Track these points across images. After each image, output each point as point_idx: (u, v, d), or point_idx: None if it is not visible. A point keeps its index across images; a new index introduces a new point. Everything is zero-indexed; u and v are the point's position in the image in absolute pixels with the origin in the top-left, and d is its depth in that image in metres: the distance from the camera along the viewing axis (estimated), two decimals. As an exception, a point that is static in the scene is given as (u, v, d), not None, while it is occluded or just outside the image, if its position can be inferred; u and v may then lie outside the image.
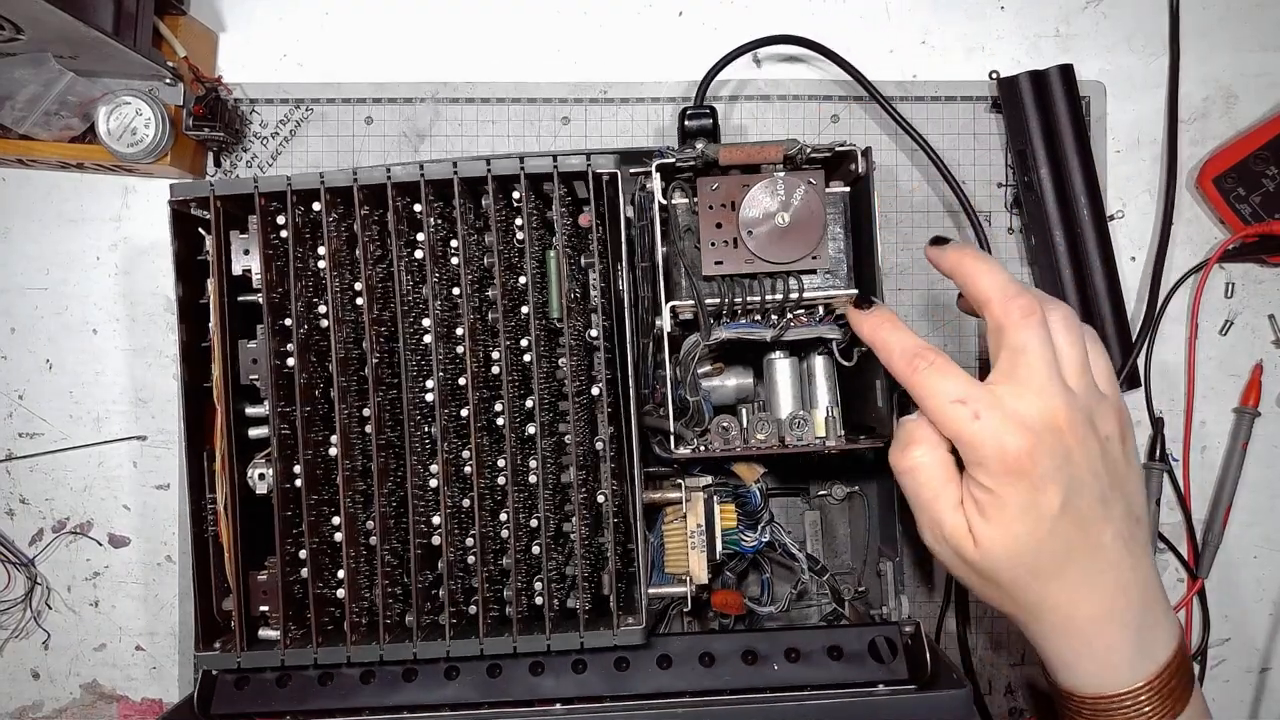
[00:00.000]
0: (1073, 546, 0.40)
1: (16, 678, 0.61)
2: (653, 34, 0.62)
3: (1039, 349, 0.40)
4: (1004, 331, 0.41)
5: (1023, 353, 0.40)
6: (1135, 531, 0.42)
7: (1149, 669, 0.42)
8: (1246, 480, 0.61)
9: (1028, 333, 0.41)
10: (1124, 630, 0.42)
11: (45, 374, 0.61)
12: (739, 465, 0.52)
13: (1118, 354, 0.59)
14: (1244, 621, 0.62)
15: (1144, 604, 0.42)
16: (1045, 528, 0.40)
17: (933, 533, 0.42)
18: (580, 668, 0.46)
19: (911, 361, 0.42)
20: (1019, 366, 0.40)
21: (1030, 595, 0.41)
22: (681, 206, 0.49)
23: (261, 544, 0.47)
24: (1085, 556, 0.41)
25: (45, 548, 0.61)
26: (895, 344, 0.43)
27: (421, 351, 0.47)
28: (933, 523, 0.42)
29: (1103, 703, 0.42)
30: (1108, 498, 0.41)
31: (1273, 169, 0.59)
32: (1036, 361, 0.40)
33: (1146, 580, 0.42)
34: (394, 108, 0.61)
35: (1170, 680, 0.42)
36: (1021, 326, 0.41)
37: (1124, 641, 0.42)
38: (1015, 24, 0.62)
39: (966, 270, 0.43)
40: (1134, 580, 0.42)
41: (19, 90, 0.54)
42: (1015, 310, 0.41)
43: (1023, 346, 0.40)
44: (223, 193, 0.47)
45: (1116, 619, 0.41)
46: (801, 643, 0.47)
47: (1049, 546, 0.40)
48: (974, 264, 0.43)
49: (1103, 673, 0.42)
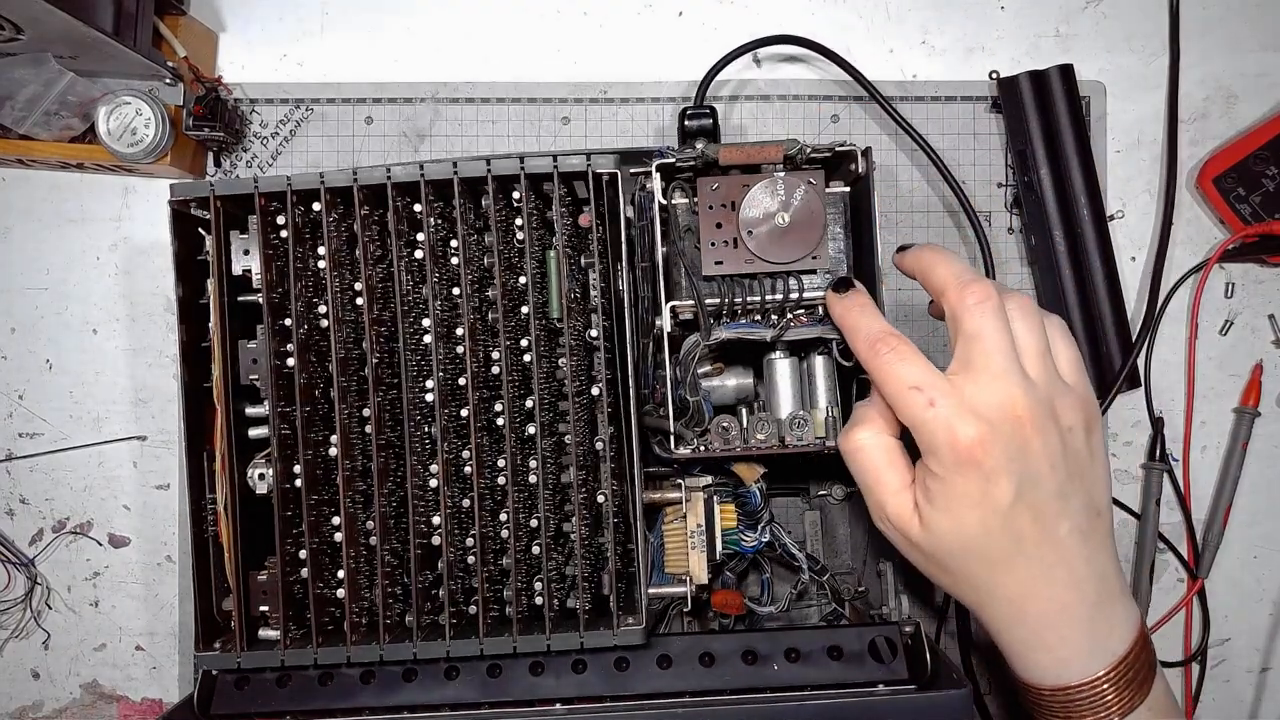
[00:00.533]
0: (1024, 538, 0.40)
1: (16, 678, 0.61)
2: (653, 34, 0.62)
3: (994, 336, 0.40)
4: (959, 319, 0.41)
5: (977, 339, 0.40)
6: (1094, 524, 0.42)
7: (1106, 660, 0.41)
8: (1246, 480, 0.61)
9: (982, 319, 0.40)
10: (1076, 624, 0.41)
11: (45, 374, 0.61)
12: (739, 465, 0.52)
13: (1118, 354, 0.59)
14: (1244, 621, 0.62)
15: (1099, 598, 0.42)
16: (996, 519, 0.39)
17: (877, 513, 0.43)
18: (580, 668, 0.46)
19: (874, 345, 0.42)
20: (974, 354, 0.40)
21: (981, 584, 0.41)
22: (681, 206, 0.49)
23: (261, 544, 0.47)
24: (1038, 549, 0.40)
25: (45, 548, 0.61)
26: (862, 327, 0.43)
27: (421, 351, 0.47)
28: (877, 504, 0.42)
29: (1061, 694, 0.42)
30: (1065, 490, 0.41)
31: (1273, 169, 0.59)
32: (992, 349, 0.40)
33: (1103, 573, 0.42)
34: (394, 108, 0.61)
35: (1129, 670, 0.42)
36: (976, 312, 0.40)
37: (1077, 635, 0.41)
38: (1015, 24, 0.62)
39: (924, 265, 0.43)
40: (1089, 574, 0.41)
41: (19, 90, 0.54)
42: (969, 296, 0.41)
43: (977, 333, 0.40)
44: (223, 193, 0.47)
45: (1069, 613, 0.41)
46: (801, 643, 0.47)
47: (999, 538, 0.40)
48: (930, 257, 0.43)
49: (1057, 665, 0.42)
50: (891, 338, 0.42)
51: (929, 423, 0.39)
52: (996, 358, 0.40)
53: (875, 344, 0.42)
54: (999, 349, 0.40)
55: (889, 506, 0.42)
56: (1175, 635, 0.61)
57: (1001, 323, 0.41)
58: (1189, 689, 0.61)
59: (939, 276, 0.42)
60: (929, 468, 0.40)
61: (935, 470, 0.40)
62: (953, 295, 0.41)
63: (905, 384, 0.40)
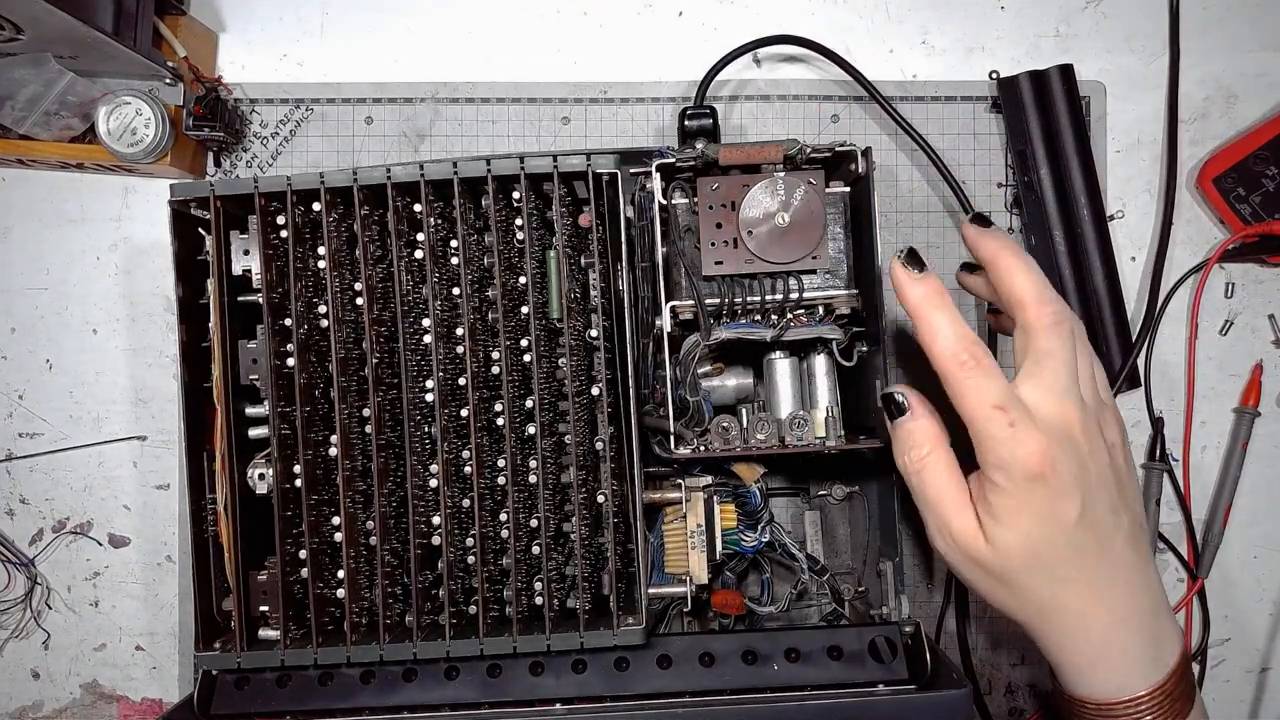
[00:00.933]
0: (1086, 552, 0.40)
1: (16, 678, 0.61)
2: (653, 34, 0.62)
3: (1066, 357, 0.41)
4: (1035, 334, 0.41)
5: (1050, 358, 0.41)
6: (1140, 536, 0.43)
7: (1160, 674, 0.42)
8: (1246, 480, 0.61)
9: (1058, 340, 0.41)
10: (1138, 634, 0.42)
11: (45, 374, 0.61)
12: (739, 465, 0.52)
13: (1118, 353, 0.59)
14: (1244, 621, 0.62)
15: (1153, 608, 0.42)
16: (1062, 534, 0.40)
17: (941, 533, 0.42)
18: (580, 668, 0.46)
19: (957, 355, 0.40)
20: (1045, 371, 0.41)
21: (1044, 599, 0.41)
22: (681, 206, 0.49)
23: (261, 544, 0.47)
24: (1098, 562, 0.41)
25: (45, 548, 0.61)
26: (942, 329, 0.41)
27: (421, 351, 0.47)
28: (941, 523, 0.42)
29: (1117, 708, 0.42)
30: (1116, 505, 0.41)
31: (1273, 169, 0.59)
32: (1062, 369, 0.40)
33: (1153, 584, 0.43)
34: (394, 108, 0.61)
35: (1178, 684, 0.42)
36: (1053, 333, 0.41)
37: (1138, 645, 0.42)
38: (1015, 24, 0.62)
39: (1004, 265, 0.43)
40: (1143, 585, 0.42)
41: (19, 90, 0.54)
42: (1048, 316, 0.41)
43: (1051, 352, 0.41)
44: (223, 193, 0.47)
45: (1131, 623, 0.42)
46: (801, 643, 0.47)
47: (1064, 552, 0.40)
48: (1012, 260, 0.42)
49: (1118, 678, 0.42)
50: (974, 347, 0.40)
51: (1006, 441, 0.39)
52: (1065, 377, 0.40)
53: (958, 353, 0.40)
54: (1068, 369, 0.41)
55: (954, 524, 0.41)
56: (1175, 635, 0.61)
57: (1073, 345, 0.41)
58: (1189, 689, 0.61)
59: (1020, 286, 0.42)
60: (995, 483, 0.40)
61: (1003, 485, 0.40)
62: (1033, 311, 0.41)
63: (989, 403, 0.39)
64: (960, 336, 0.41)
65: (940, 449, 0.42)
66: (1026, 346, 0.42)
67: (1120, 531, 0.41)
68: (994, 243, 0.43)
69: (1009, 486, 0.39)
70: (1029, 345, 0.41)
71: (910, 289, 0.42)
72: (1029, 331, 0.41)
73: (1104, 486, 0.41)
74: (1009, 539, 0.40)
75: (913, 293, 0.42)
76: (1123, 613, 0.41)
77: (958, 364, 0.40)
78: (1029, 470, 0.39)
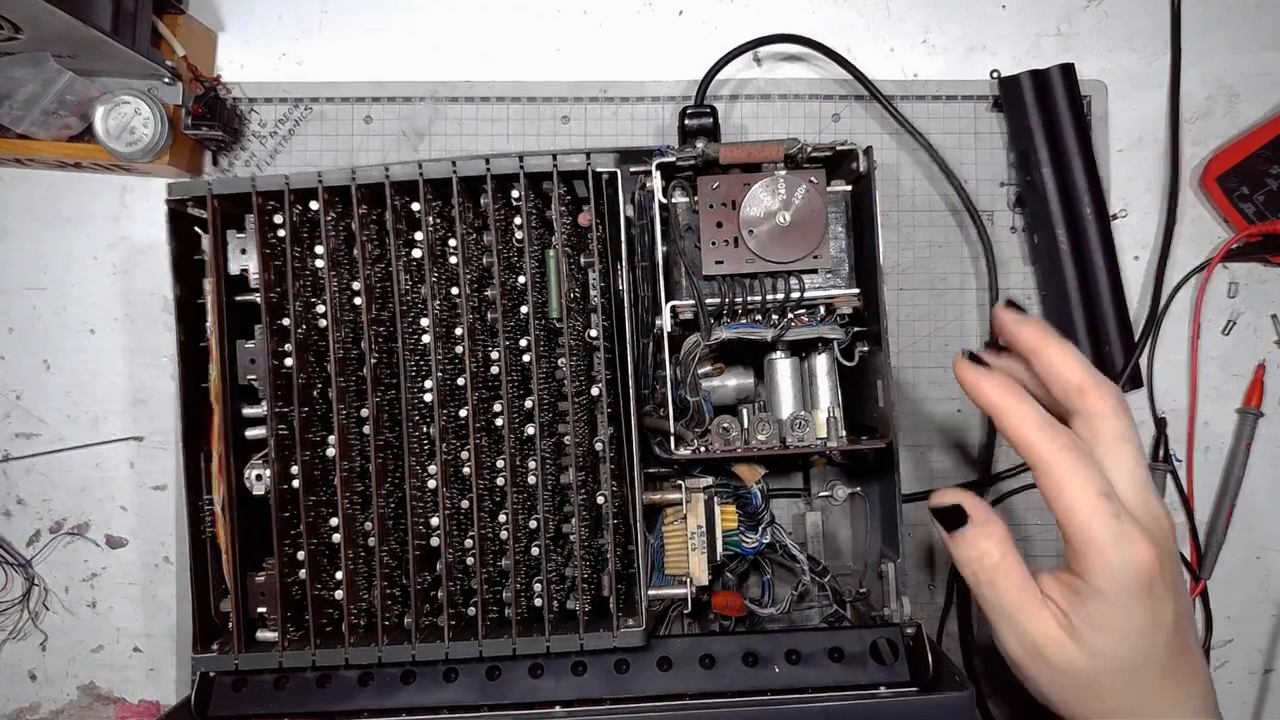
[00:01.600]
0: (1176, 651, 0.39)
1: (14, 679, 0.60)
2: (653, 33, 0.62)
3: (1138, 440, 0.39)
4: (1103, 419, 0.39)
5: (1127, 443, 0.38)
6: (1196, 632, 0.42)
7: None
8: (1249, 481, 0.60)
9: (1128, 423, 0.39)
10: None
11: (43, 374, 0.61)
12: (740, 466, 0.51)
13: (1120, 354, 0.59)
14: (1247, 622, 0.61)
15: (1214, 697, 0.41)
16: (1163, 638, 0.38)
17: (1023, 644, 0.39)
18: (580, 670, 0.46)
19: (1056, 439, 0.37)
20: (1125, 458, 0.38)
21: (1133, 703, 0.39)
22: (682, 206, 0.49)
23: (259, 545, 0.47)
24: (1183, 665, 0.39)
25: (43, 548, 0.60)
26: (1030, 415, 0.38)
27: (420, 351, 0.47)
28: (1022, 634, 0.39)
29: None
30: (1189, 605, 0.40)
31: (1276, 168, 0.59)
32: (1140, 455, 0.38)
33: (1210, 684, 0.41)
34: (393, 107, 0.61)
35: None
36: (1123, 416, 0.39)
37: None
38: (1016, 23, 0.62)
39: (1053, 354, 0.40)
40: (1208, 680, 0.41)
41: (17, 89, 0.53)
42: (1111, 398, 0.39)
43: (1127, 437, 0.39)
44: (220, 192, 0.46)
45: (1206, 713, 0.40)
46: (803, 644, 0.46)
47: (1162, 655, 0.38)
48: (1060, 348, 0.40)
49: None
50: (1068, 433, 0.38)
51: (1115, 542, 0.36)
52: (1144, 464, 0.38)
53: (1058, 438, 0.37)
54: (1143, 455, 0.39)
55: (1039, 634, 0.38)
56: (1178, 637, 0.61)
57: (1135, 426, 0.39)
58: (1192, 691, 0.61)
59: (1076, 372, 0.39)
60: (1098, 589, 0.37)
61: (1107, 591, 0.36)
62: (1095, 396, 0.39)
63: (1096, 489, 0.36)
64: (1053, 421, 0.38)
65: (1012, 553, 0.39)
66: (1094, 433, 0.39)
67: (1192, 629, 0.40)
68: (1036, 331, 0.41)
69: (1113, 592, 0.36)
70: (1097, 431, 0.39)
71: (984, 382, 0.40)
72: (1095, 417, 0.39)
73: (1183, 582, 0.39)
74: (1108, 647, 0.37)
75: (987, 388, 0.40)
76: (1197, 703, 0.40)
77: (1058, 447, 0.37)
78: (1141, 578, 0.36)
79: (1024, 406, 0.38)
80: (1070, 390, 0.40)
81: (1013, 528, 0.60)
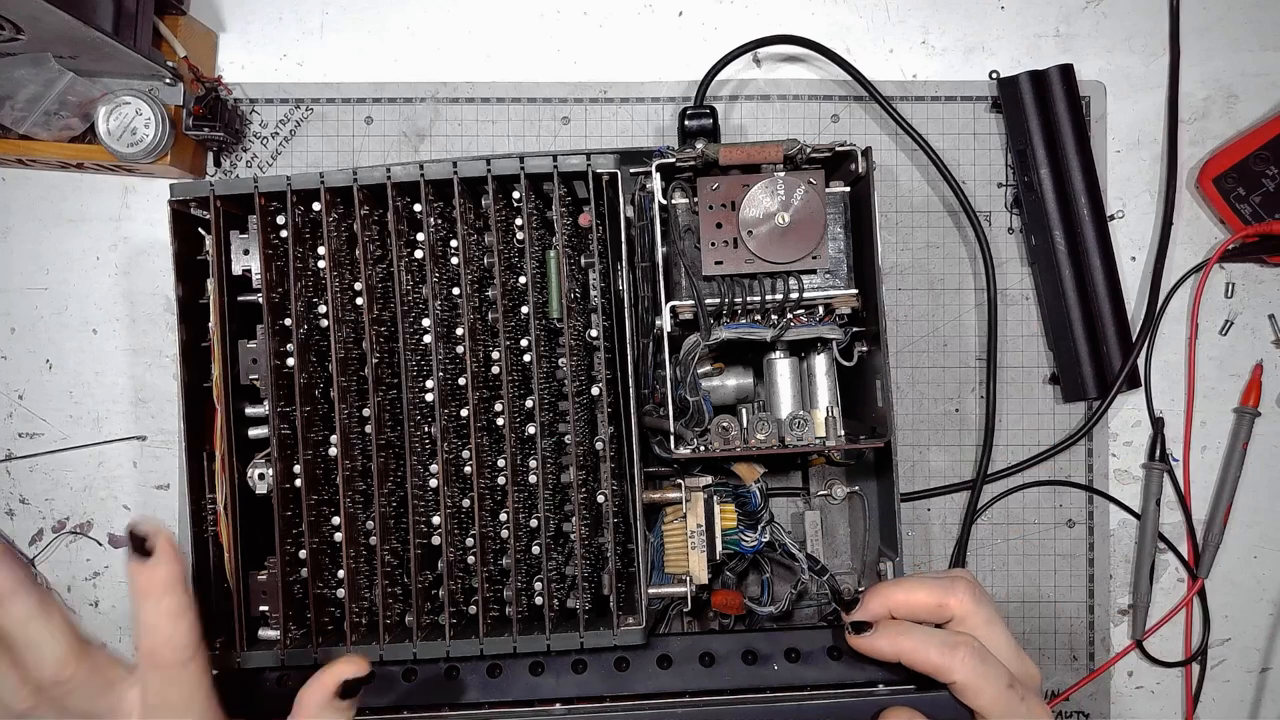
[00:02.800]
0: None
1: (16, 678, 0.60)
2: (653, 34, 0.62)
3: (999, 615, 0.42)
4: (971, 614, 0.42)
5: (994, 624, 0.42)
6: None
7: None
8: (1247, 480, 0.61)
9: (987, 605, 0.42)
10: None
11: (45, 374, 0.61)
12: (739, 465, 0.52)
13: (1118, 354, 0.59)
14: (1244, 621, 0.62)
15: None
16: None
17: None
18: (580, 668, 0.46)
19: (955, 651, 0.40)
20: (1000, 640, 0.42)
21: None
22: (681, 206, 0.49)
23: (261, 544, 0.47)
24: None
25: (45, 548, 0.61)
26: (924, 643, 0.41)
27: (421, 351, 0.47)
28: None
29: None
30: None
31: (1273, 169, 0.59)
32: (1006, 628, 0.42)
33: None
34: (394, 107, 0.61)
35: None
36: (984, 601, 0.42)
37: None
38: (1015, 24, 0.62)
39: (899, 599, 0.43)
40: None
41: (19, 90, 0.54)
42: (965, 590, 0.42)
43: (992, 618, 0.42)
44: (222, 193, 0.47)
45: None
46: (801, 643, 0.47)
47: None
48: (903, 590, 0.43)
49: None
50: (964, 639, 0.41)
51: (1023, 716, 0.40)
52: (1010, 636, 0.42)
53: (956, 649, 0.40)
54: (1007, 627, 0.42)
55: None
56: (1175, 635, 0.61)
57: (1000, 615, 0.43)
58: (1189, 689, 0.61)
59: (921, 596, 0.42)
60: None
61: None
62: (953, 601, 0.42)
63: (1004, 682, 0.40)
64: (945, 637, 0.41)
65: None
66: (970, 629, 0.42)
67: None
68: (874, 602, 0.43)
69: None
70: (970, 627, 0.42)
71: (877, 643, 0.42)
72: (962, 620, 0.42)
73: None
74: None
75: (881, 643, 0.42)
76: None
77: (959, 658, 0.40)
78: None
79: (915, 637, 0.41)
80: (932, 610, 0.42)
81: (1010, 527, 0.61)
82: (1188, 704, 0.61)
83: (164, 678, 0.39)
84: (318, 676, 0.40)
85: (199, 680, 0.40)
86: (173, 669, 0.39)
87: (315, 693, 0.40)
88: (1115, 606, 0.61)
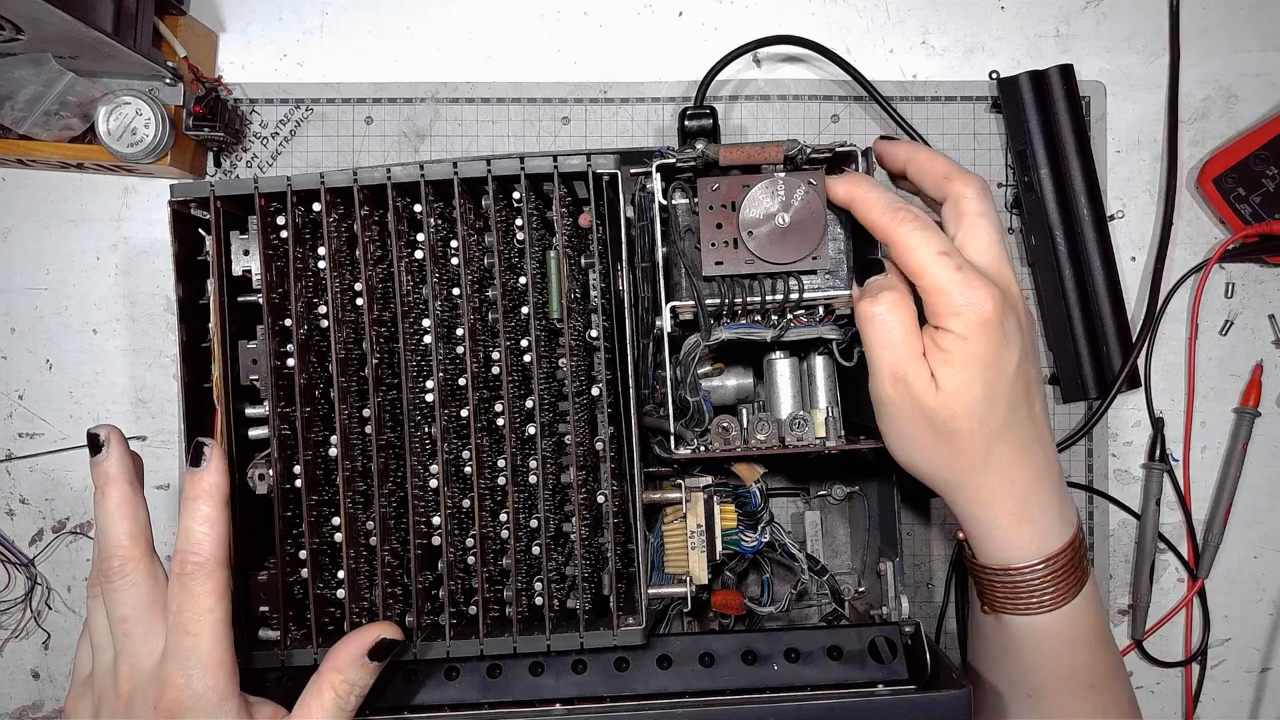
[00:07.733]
0: (1019, 406, 0.43)
1: (16, 678, 0.61)
2: (653, 34, 0.62)
3: (996, 217, 0.45)
4: (966, 199, 0.44)
5: (984, 218, 0.44)
6: (1044, 405, 0.46)
7: (1068, 535, 0.44)
8: (1247, 480, 0.61)
9: (988, 203, 0.44)
10: (1054, 493, 0.44)
11: (45, 374, 0.61)
12: (739, 465, 0.52)
13: (1118, 354, 0.59)
14: (1244, 621, 0.62)
15: (1059, 471, 0.45)
16: (1004, 382, 0.42)
17: (893, 377, 0.43)
18: (580, 668, 0.46)
19: (896, 214, 0.43)
20: (981, 229, 0.44)
21: (978, 451, 0.43)
22: (682, 206, 0.49)
23: (261, 544, 0.47)
24: (1026, 419, 0.43)
25: (45, 548, 0.61)
26: (876, 198, 0.44)
27: (421, 352, 0.47)
28: (895, 366, 0.43)
29: (1040, 568, 0.44)
30: (1036, 371, 0.45)
31: (1273, 169, 0.59)
32: (995, 228, 0.44)
33: (1055, 451, 0.46)
34: (394, 108, 0.61)
35: (1080, 549, 0.45)
36: (984, 197, 0.44)
37: (1054, 504, 0.44)
38: (1015, 24, 0.62)
39: (922, 157, 0.47)
40: (1052, 447, 0.45)
41: (19, 90, 0.54)
42: (975, 182, 0.45)
43: (985, 213, 0.44)
44: (223, 193, 0.47)
45: (1049, 482, 0.44)
46: (801, 643, 0.47)
47: (1003, 402, 0.42)
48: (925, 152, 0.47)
49: (1039, 537, 0.44)
50: (910, 208, 0.43)
51: (959, 284, 0.41)
52: (998, 235, 0.44)
53: (897, 212, 0.43)
54: (1000, 229, 0.44)
55: (910, 370, 0.42)
56: (1175, 635, 0.61)
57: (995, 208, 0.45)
58: (1189, 689, 0.61)
59: (941, 164, 0.46)
60: (949, 330, 0.42)
61: (956, 330, 0.41)
62: (959, 180, 0.45)
63: (934, 249, 0.42)
64: (894, 199, 0.44)
65: (903, 297, 0.43)
66: (959, 212, 0.44)
67: (1039, 396, 0.44)
68: (906, 145, 0.47)
69: (961, 331, 0.41)
70: (961, 210, 0.44)
71: (839, 181, 0.45)
72: (960, 199, 0.44)
73: (1031, 342, 0.44)
74: (958, 384, 0.41)
75: (842, 183, 0.45)
76: (1041, 471, 0.44)
77: (899, 221, 0.42)
78: (984, 314, 0.41)
79: (871, 193, 0.44)
80: (939, 179, 0.46)
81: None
82: (1188, 704, 0.61)
83: (183, 587, 0.41)
84: (352, 635, 0.43)
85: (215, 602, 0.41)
86: (195, 579, 0.41)
87: (349, 648, 0.42)
88: (1115, 606, 0.61)
